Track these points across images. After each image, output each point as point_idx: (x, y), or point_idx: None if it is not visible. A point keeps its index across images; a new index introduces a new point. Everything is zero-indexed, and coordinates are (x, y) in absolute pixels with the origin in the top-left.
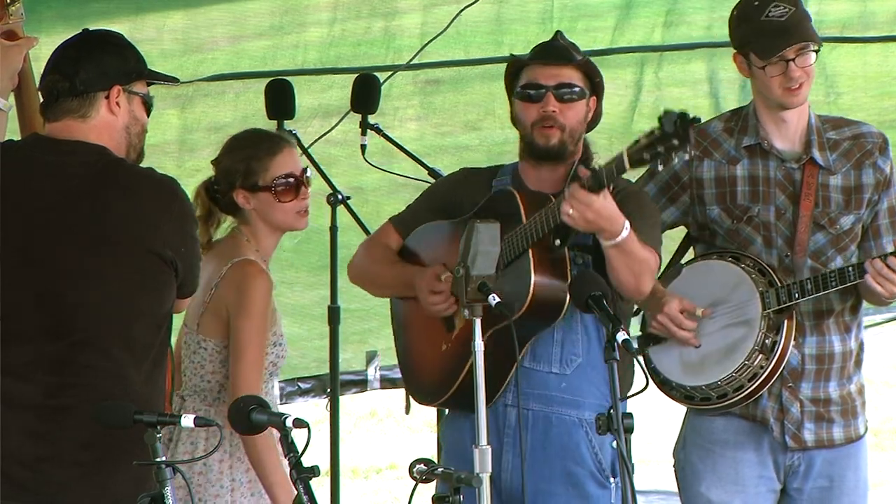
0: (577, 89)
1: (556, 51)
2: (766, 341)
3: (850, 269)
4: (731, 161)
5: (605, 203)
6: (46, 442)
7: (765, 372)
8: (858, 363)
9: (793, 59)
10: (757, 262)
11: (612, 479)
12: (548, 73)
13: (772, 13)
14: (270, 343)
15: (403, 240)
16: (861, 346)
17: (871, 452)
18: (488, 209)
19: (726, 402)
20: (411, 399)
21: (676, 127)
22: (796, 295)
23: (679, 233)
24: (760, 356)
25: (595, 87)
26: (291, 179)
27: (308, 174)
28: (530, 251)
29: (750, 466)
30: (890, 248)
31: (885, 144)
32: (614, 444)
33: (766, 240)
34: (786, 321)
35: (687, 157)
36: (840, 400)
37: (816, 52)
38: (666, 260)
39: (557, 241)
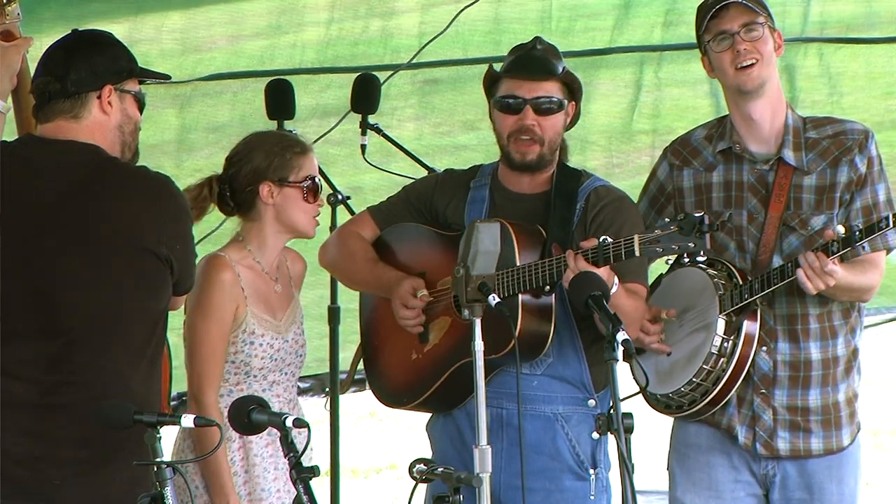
0: (555, 100)
1: (535, 63)
2: (725, 344)
3: (789, 265)
4: (708, 168)
5: (601, 271)
6: (43, 440)
7: (726, 375)
8: (849, 370)
9: (738, 32)
10: (727, 267)
11: (591, 471)
12: (526, 87)
13: None
14: (241, 342)
15: (380, 230)
16: (855, 353)
17: (870, 452)
18: None
19: (697, 408)
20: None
21: (695, 230)
22: (746, 295)
23: None
24: (721, 360)
25: (573, 92)
26: (317, 182)
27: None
28: (520, 295)
29: (723, 471)
30: (866, 250)
31: (865, 141)
32: (594, 434)
33: (739, 244)
34: (745, 322)
35: (695, 252)
36: (821, 409)
37: (768, 27)
38: (661, 270)
39: (547, 287)
